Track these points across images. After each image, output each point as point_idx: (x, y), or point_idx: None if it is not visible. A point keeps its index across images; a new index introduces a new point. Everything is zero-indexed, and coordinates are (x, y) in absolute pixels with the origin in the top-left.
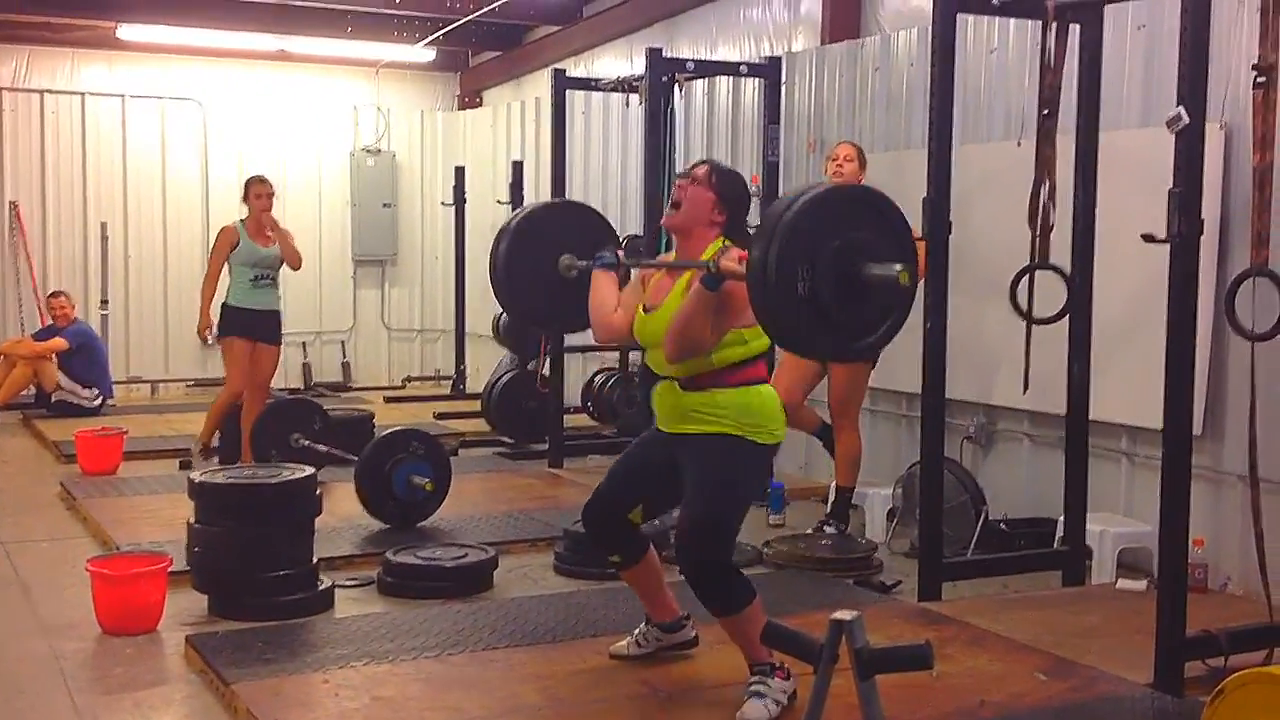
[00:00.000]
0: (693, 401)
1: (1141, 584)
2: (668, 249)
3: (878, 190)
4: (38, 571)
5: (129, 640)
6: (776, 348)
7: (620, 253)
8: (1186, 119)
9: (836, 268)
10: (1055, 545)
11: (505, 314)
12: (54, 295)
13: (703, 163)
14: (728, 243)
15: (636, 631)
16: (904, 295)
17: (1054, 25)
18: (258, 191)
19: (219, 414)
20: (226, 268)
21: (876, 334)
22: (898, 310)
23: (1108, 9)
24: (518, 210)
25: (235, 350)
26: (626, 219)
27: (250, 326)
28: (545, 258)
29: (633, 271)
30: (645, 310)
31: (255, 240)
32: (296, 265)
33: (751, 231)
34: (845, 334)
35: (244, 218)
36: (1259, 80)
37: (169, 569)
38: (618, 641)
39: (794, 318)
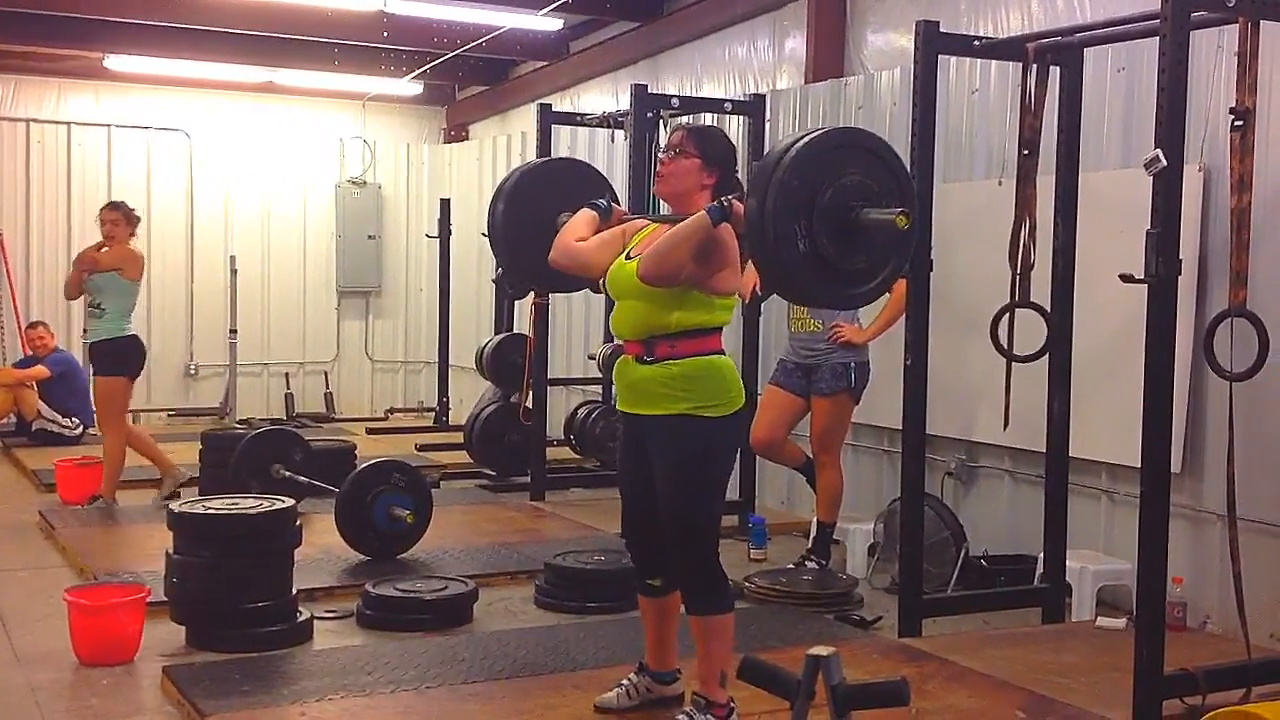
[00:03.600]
0: (649, 375)
1: (1121, 622)
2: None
3: (868, 132)
4: (15, 601)
5: (106, 671)
6: (759, 388)
7: (615, 206)
8: (1164, 162)
9: (833, 216)
10: (1035, 582)
11: (505, 274)
12: (32, 326)
13: (678, 129)
14: (728, 197)
15: (626, 682)
16: (903, 239)
17: (1034, 67)
18: (100, 218)
19: (136, 447)
20: None
21: (877, 279)
22: (898, 255)
23: (1088, 51)
24: (514, 169)
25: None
26: None
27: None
28: (544, 215)
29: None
30: (628, 258)
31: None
32: (67, 295)
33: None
34: (847, 282)
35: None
36: (1236, 124)
37: (147, 599)
38: (604, 693)
39: (796, 271)
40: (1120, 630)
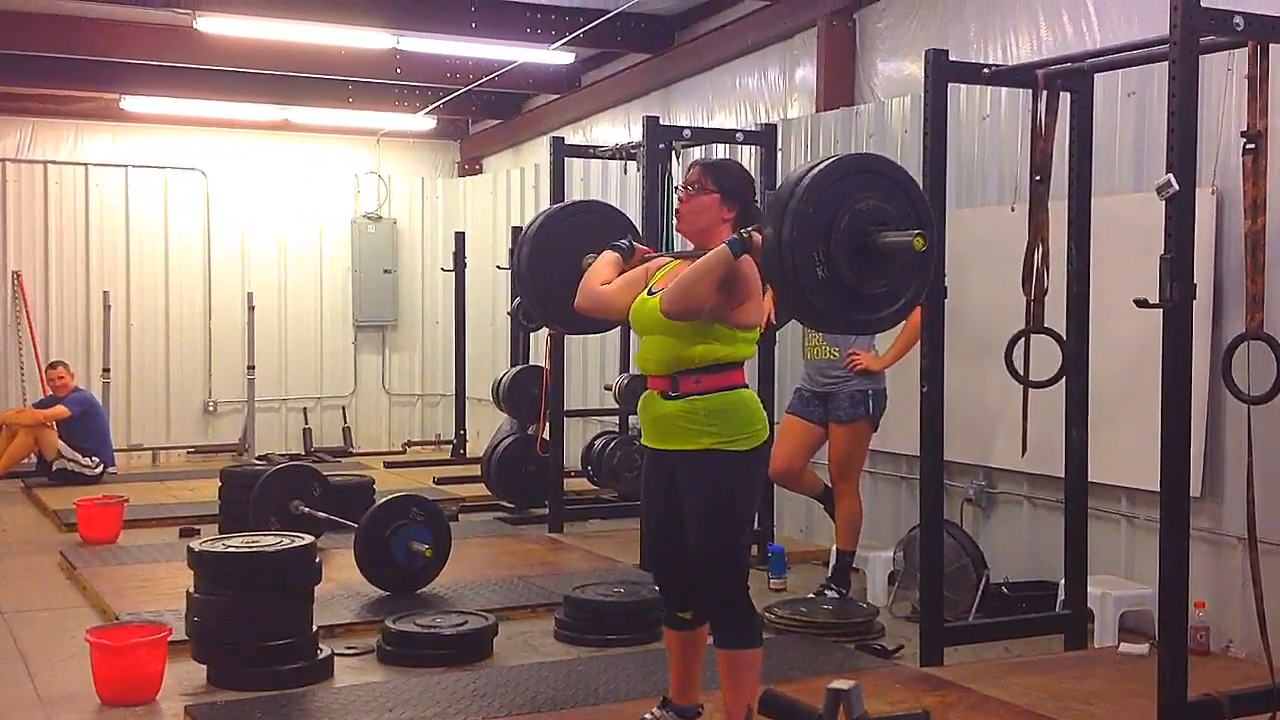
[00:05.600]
0: (674, 411)
1: (1144, 647)
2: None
3: (881, 156)
4: (37, 642)
5: (128, 711)
6: (776, 417)
7: (637, 245)
8: (1176, 186)
9: (851, 242)
10: (1057, 608)
11: (534, 317)
12: (52, 366)
13: (694, 165)
14: (749, 229)
15: (649, 716)
16: (922, 261)
17: (1045, 93)
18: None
19: None
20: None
21: (900, 302)
22: (918, 277)
23: (1098, 76)
24: (539, 212)
25: None
26: None
27: None
28: (569, 258)
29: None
30: (650, 294)
31: None
32: None
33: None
34: (869, 307)
35: None
36: (1248, 147)
37: (168, 638)
38: None
39: (816, 298)
40: (1143, 656)
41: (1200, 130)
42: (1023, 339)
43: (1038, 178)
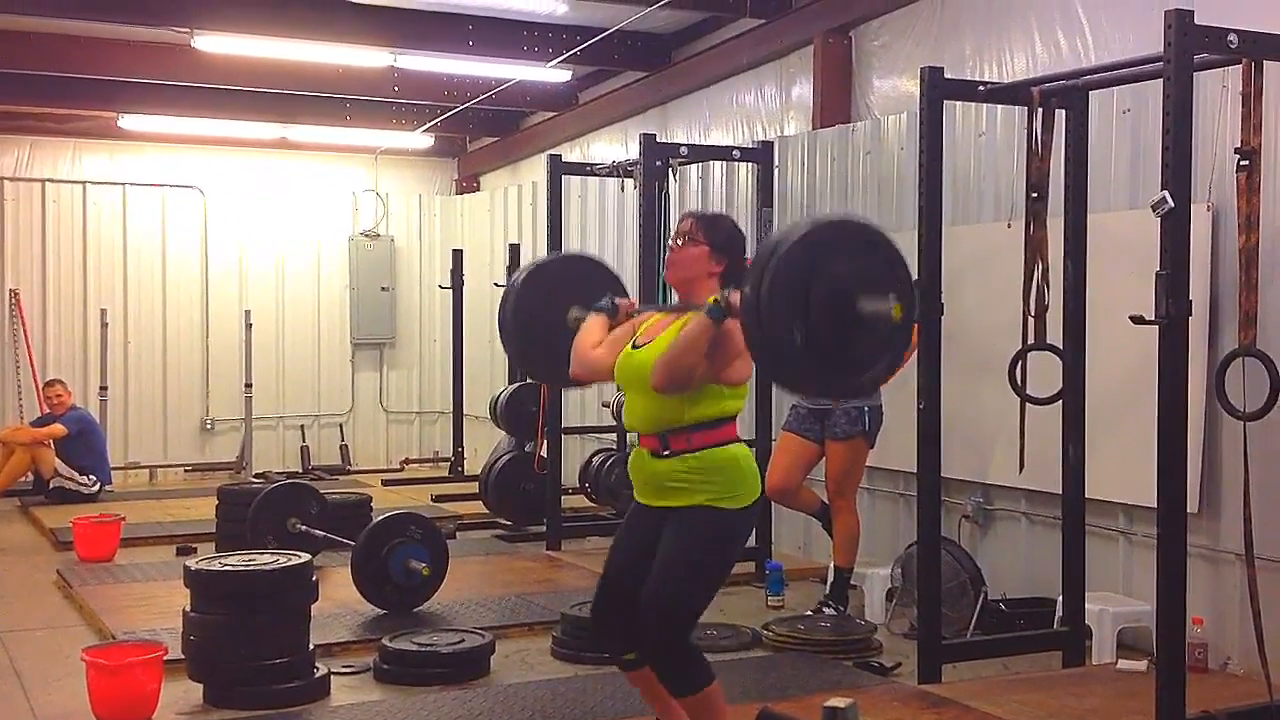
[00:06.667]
0: (665, 470)
1: (1142, 664)
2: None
3: (860, 221)
4: (33, 661)
5: None
6: (773, 434)
7: (620, 300)
8: (1171, 203)
9: (830, 308)
10: (1055, 625)
11: (520, 369)
12: (49, 384)
13: (687, 217)
14: (726, 292)
15: None
16: (899, 330)
17: (1040, 110)
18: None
19: None
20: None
21: (876, 368)
22: (896, 344)
23: (1093, 94)
24: (524, 266)
25: None
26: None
27: None
28: (554, 310)
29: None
30: (634, 346)
31: None
32: None
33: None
34: (845, 371)
35: None
36: (1242, 163)
37: (165, 657)
38: None
39: (791, 363)
40: (1141, 672)
41: (1195, 147)
42: (1024, 356)
43: (1034, 195)
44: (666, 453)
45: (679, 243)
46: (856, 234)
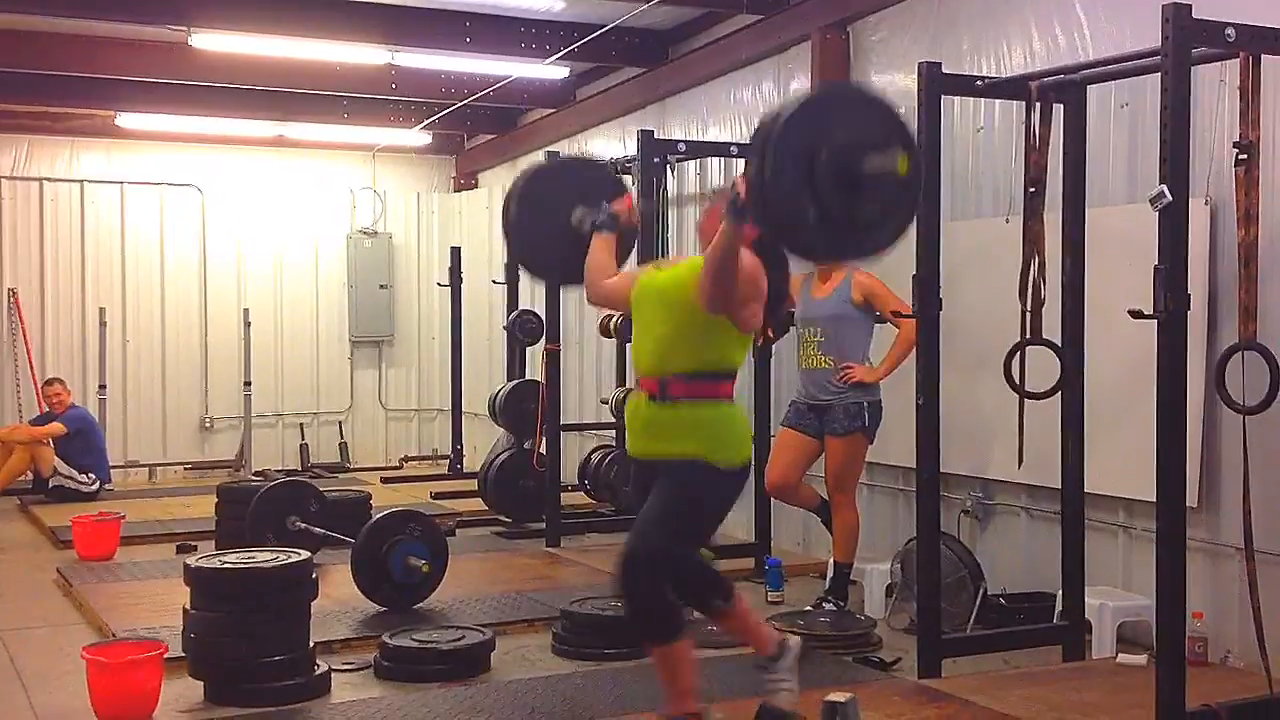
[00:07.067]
0: (661, 417)
1: (1142, 658)
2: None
3: (853, 83)
4: (33, 660)
5: None
6: (771, 430)
7: (616, 208)
8: (1169, 197)
9: (835, 173)
10: (1055, 620)
11: (527, 273)
12: (49, 383)
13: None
14: (735, 180)
15: None
16: (909, 183)
17: (1038, 105)
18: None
19: None
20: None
21: (886, 229)
22: (905, 200)
23: (1091, 88)
24: (522, 171)
25: None
26: None
27: None
28: (558, 213)
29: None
30: (659, 270)
31: None
32: None
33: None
34: (860, 234)
35: None
36: (1240, 157)
37: (165, 655)
38: None
39: (801, 226)
40: (1141, 667)
41: (1193, 141)
42: (1020, 350)
43: (1032, 189)
44: (662, 398)
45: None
46: (851, 96)
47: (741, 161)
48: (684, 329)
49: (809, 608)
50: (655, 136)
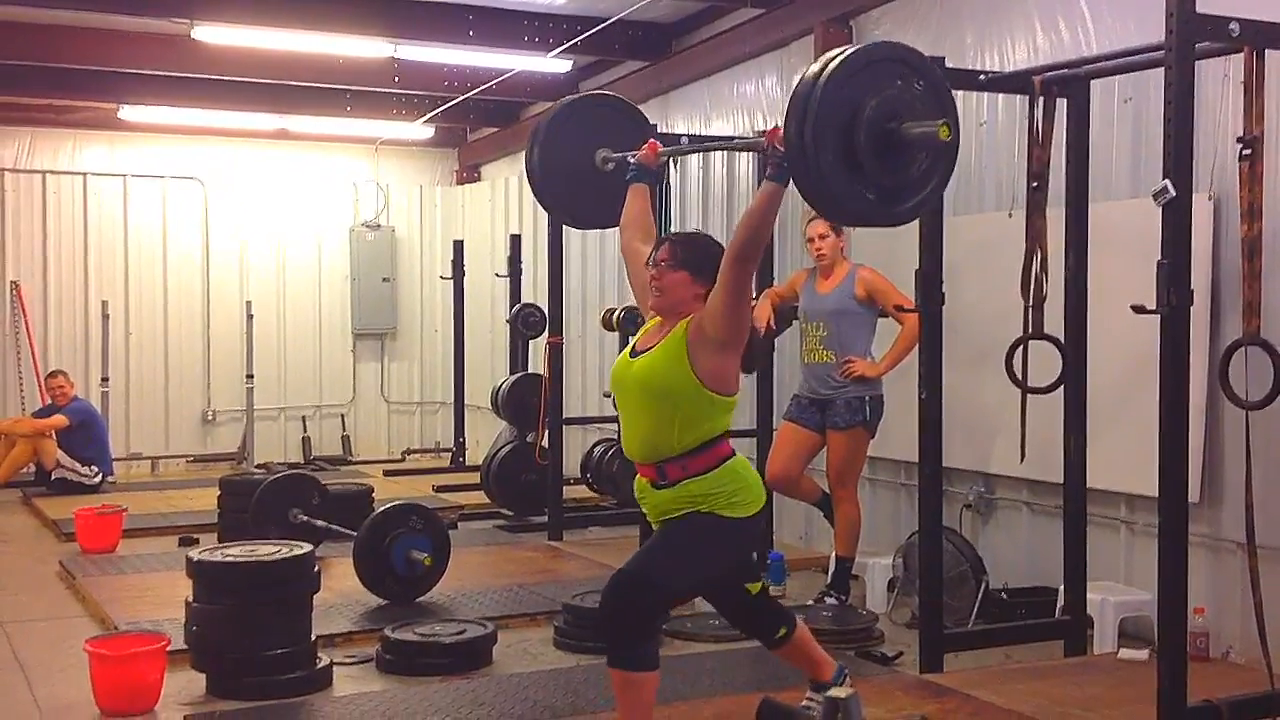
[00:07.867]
0: (667, 499)
1: (1144, 653)
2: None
3: (898, 44)
4: (36, 652)
5: None
6: (774, 423)
7: (640, 157)
8: (1173, 192)
9: (874, 133)
10: (1056, 615)
11: (552, 214)
12: (52, 375)
13: (662, 241)
14: (768, 138)
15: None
16: (947, 149)
17: (1042, 99)
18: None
19: None
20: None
21: (924, 192)
22: (942, 167)
23: (1095, 83)
24: (548, 110)
25: None
26: (623, 290)
27: None
28: (583, 152)
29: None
30: (633, 354)
31: None
32: None
33: None
34: (893, 197)
35: None
36: (1244, 152)
37: (167, 648)
38: None
39: (840, 189)
40: (1143, 662)
41: (1197, 136)
42: (1022, 345)
43: (1035, 184)
44: (664, 484)
45: (659, 268)
46: (891, 56)
47: (744, 155)
48: (668, 417)
49: (811, 602)
50: (658, 130)
